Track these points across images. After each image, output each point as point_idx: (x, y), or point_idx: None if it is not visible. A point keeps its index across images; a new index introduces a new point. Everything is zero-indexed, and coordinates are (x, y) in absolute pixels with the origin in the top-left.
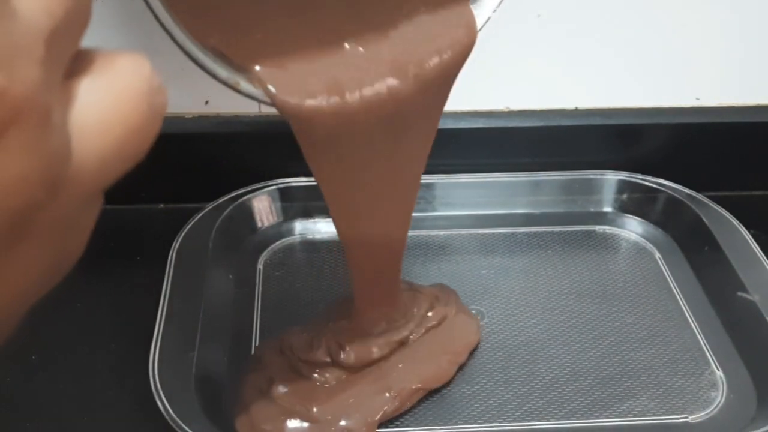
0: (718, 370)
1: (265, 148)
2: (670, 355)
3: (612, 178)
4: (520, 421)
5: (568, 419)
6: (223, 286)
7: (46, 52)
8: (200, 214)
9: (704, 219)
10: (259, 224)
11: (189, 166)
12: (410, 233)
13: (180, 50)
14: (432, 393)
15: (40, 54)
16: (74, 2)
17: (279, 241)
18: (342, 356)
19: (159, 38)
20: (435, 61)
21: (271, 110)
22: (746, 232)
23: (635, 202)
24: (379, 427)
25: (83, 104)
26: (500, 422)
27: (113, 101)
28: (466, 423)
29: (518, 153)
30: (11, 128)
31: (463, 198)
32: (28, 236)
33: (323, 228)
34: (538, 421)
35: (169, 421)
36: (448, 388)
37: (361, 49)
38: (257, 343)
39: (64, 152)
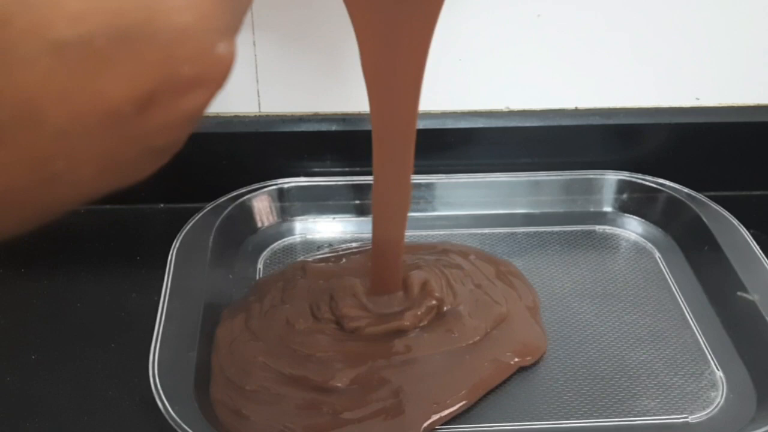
0: (718, 370)
1: (265, 148)
2: (670, 355)
3: (612, 178)
4: (520, 421)
5: (568, 419)
6: (223, 286)
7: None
8: (200, 214)
9: (704, 219)
10: (259, 224)
11: (189, 166)
12: (410, 233)
13: None
14: None
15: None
16: None
17: (279, 241)
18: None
19: None
20: None
21: (271, 110)
22: (746, 232)
23: (635, 202)
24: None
25: None
26: (500, 422)
27: None
28: (465, 423)
29: (518, 153)
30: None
31: (463, 198)
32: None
33: (323, 228)
34: (538, 421)
35: (169, 421)
36: None
37: None
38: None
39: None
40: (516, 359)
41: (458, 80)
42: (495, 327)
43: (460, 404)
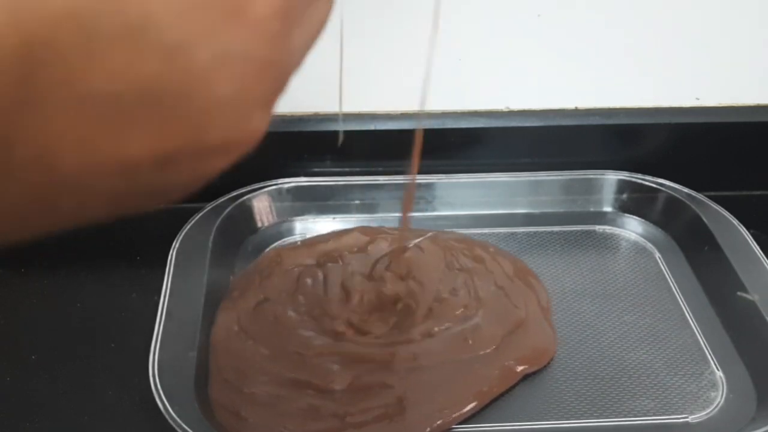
0: (718, 370)
1: (265, 148)
2: (670, 355)
3: (612, 178)
4: (519, 421)
5: (568, 419)
6: (223, 286)
7: None
8: (200, 214)
9: (704, 219)
10: (259, 224)
11: None
12: None
13: None
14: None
15: None
16: None
17: (279, 241)
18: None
19: None
20: None
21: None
22: (746, 232)
23: (635, 202)
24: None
25: None
26: (500, 422)
27: None
28: (465, 423)
29: (518, 153)
30: None
31: (463, 198)
32: None
33: (323, 228)
34: (538, 421)
35: (170, 420)
36: None
37: None
38: None
39: None
40: (524, 366)
41: (458, 80)
42: (511, 332)
43: (463, 413)
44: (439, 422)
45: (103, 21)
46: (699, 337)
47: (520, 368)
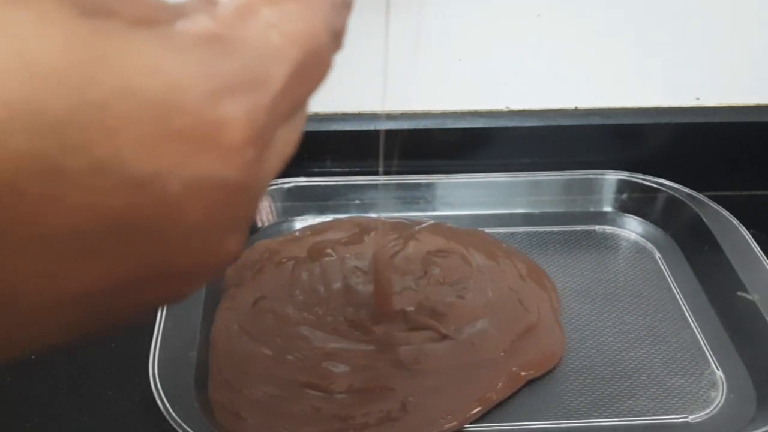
0: (718, 370)
1: None
2: (670, 355)
3: (612, 178)
4: (519, 421)
5: (568, 419)
6: (224, 286)
7: None
8: None
9: (704, 219)
10: (259, 224)
11: None
12: None
13: None
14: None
15: None
16: None
17: None
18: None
19: None
20: None
21: None
22: (746, 232)
23: (635, 202)
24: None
25: None
26: (500, 422)
27: None
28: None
29: (518, 153)
30: None
31: (463, 198)
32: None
33: None
34: (538, 421)
35: (170, 420)
36: None
37: None
38: None
39: None
40: (531, 372)
41: (458, 80)
42: (521, 336)
43: (466, 418)
44: (441, 428)
45: (68, 161)
46: (699, 337)
47: (525, 373)
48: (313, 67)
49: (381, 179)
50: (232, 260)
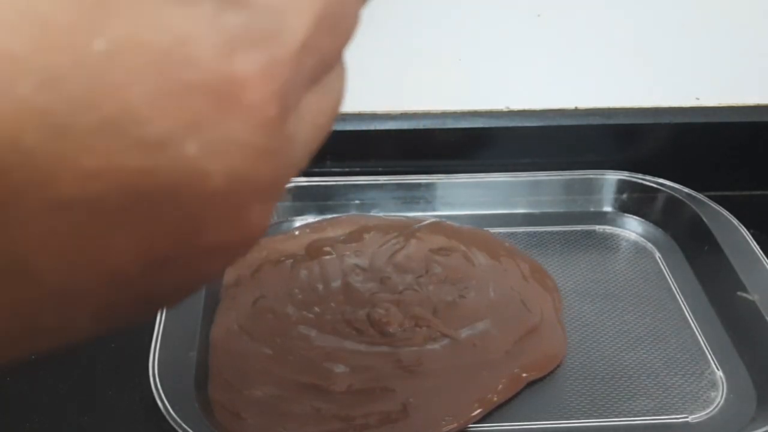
0: (718, 370)
1: None
2: (670, 355)
3: (612, 177)
4: (519, 421)
5: (568, 419)
6: (223, 285)
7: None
8: None
9: (704, 219)
10: None
11: None
12: None
13: None
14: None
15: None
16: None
17: None
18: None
19: None
20: None
21: None
22: (746, 232)
23: (635, 202)
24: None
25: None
26: (500, 422)
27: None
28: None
29: (518, 153)
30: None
31: (463, 198)
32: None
33: None
34: (538, 421)
35: (170, 420)
36: None
37: None
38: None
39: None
40: (532, 373)
41: (458, 80)
42: (523, 338)
43: (466, 420)
44: (441, 429)
45: (76, 117)
46: (699, 337)
47: (527, 375)
48: (336, 19)
49: (381, 179)
50: (258, 233)
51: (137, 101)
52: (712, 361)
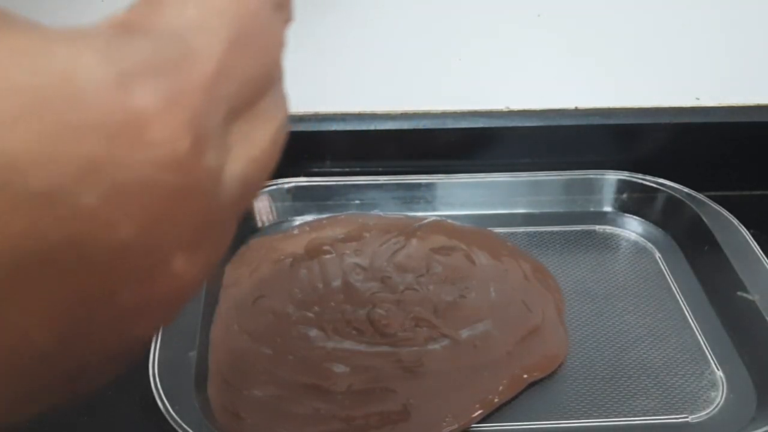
0: (718, 370)
1: None
2: (670, 355)
3: (612, 177)
4: (519, 421)
5: (568, 419)
6: (222, 284)
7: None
8: None
9: (704, 218)
10: (260, 224)
11: None
12: None
13: None
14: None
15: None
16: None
17: None
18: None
19: None
20: None
21: None
22: (746, 232)
23: (635, 202)
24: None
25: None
26: (500, 422)
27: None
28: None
29: (518, 153)
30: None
31: (463, 198)
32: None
33: None
34: (538, 421)
35: (170, 420)
36: None
37: None
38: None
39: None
40: (534, 374)
41: (458, 80)
42: (524, 339)
43: (467, 421)
44: (441, 430)
45: None
46: (699, 337)
47: (528, 376)
48: (254, 37)
49: (381, 179)
50: (188, 287)
51: (17, 152)
52: (712, 361)
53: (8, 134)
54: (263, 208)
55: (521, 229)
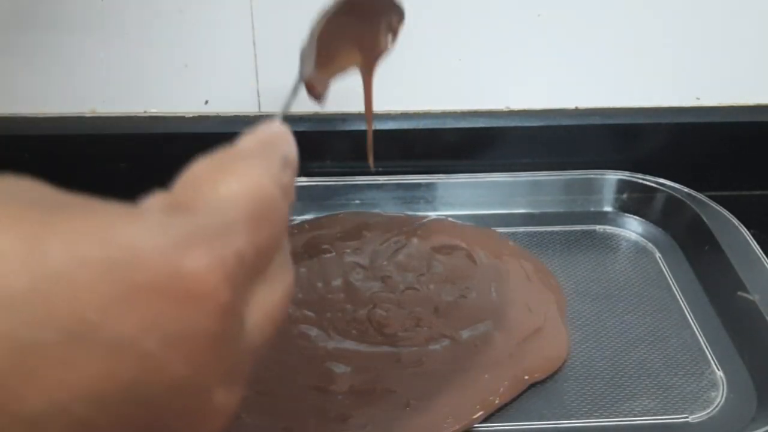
0: (718, 370)
1: None
2: (670, 355)
3: (612, 177)
4: (519, 421)
5: (568, 419)
6: None
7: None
8: None
9: (704, 218)
10: None
11: None
12: None
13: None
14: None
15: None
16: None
17: None
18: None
19: (157, 33)
20: None
21: (272, 110)
22: (746, 231)
23: (635, 202)
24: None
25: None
26: (500, 422)
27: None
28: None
29: (518, 153)
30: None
31: (463, 198)
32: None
33: None
34: (539, 421)
35: None
36: None
37: None
38: None
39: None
40: (535, 375)
41: (458, 80)
42: (525, 340)
43: (467, 422)
44: (442, 431)
45: (36, 334)
46: (699, 337)
47: (529, 377)
48: (268, 215)
49: (381, 179)
50: (225, 418)
51: (91, 310)
52: (712, 361)
53: (82, 299)
54: None
55: (521, 229)
